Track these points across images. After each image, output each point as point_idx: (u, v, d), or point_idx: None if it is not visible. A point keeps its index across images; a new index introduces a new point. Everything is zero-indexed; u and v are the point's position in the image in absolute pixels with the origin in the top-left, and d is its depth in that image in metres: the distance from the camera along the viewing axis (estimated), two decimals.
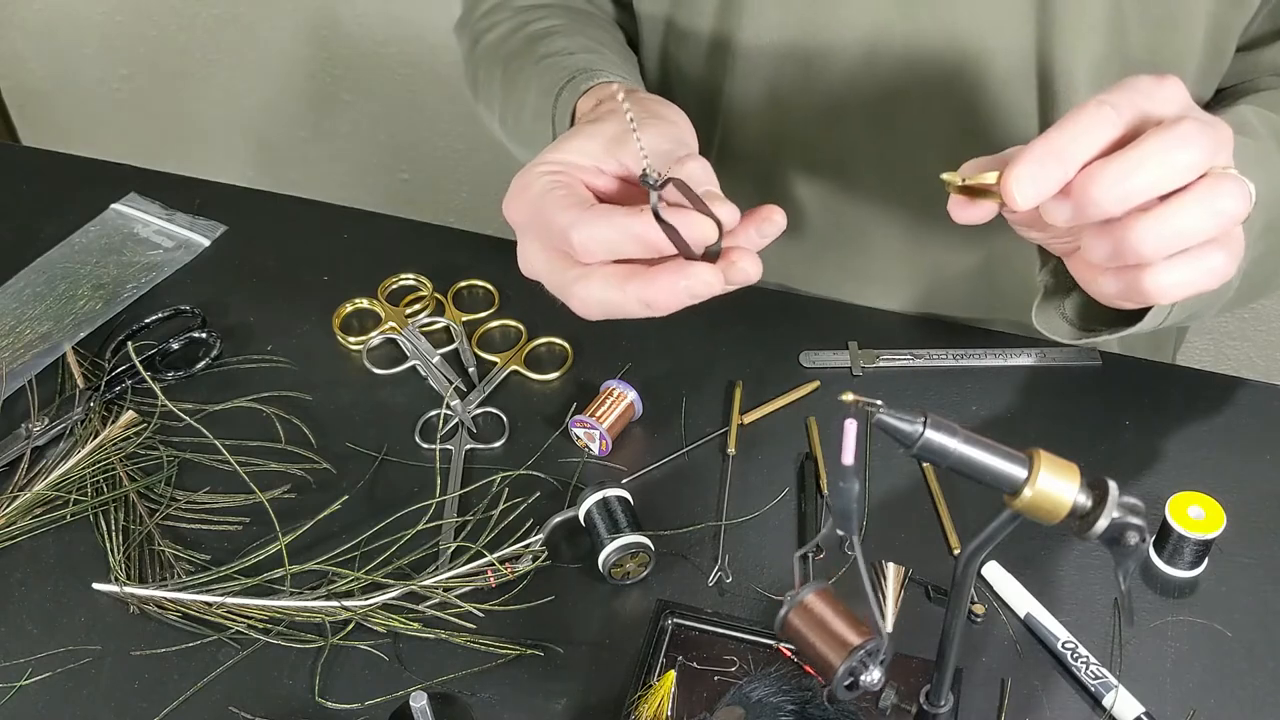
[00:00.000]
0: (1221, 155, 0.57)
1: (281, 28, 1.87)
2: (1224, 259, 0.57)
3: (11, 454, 0.80)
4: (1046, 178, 0.56)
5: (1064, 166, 0.56)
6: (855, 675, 0.56)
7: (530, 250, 0.66)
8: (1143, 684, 0.68)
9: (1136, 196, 0.55)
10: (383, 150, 1.97)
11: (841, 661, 0.56)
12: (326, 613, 0.71)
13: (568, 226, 0.61)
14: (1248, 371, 1.69)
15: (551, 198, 0.63)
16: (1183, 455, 0.80)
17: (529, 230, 0.65)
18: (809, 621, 0.57)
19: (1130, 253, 0.56)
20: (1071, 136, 0.56)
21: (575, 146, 0.66)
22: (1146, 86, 0.58)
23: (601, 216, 0.61)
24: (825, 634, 0.57)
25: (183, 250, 0.97)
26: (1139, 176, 0.55)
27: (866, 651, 0.56)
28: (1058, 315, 0.71)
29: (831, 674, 0.56)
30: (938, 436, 0.52)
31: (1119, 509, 0.52)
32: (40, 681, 0.69)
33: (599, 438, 0.80)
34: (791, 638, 0.58)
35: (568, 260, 0.63)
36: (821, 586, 0.58)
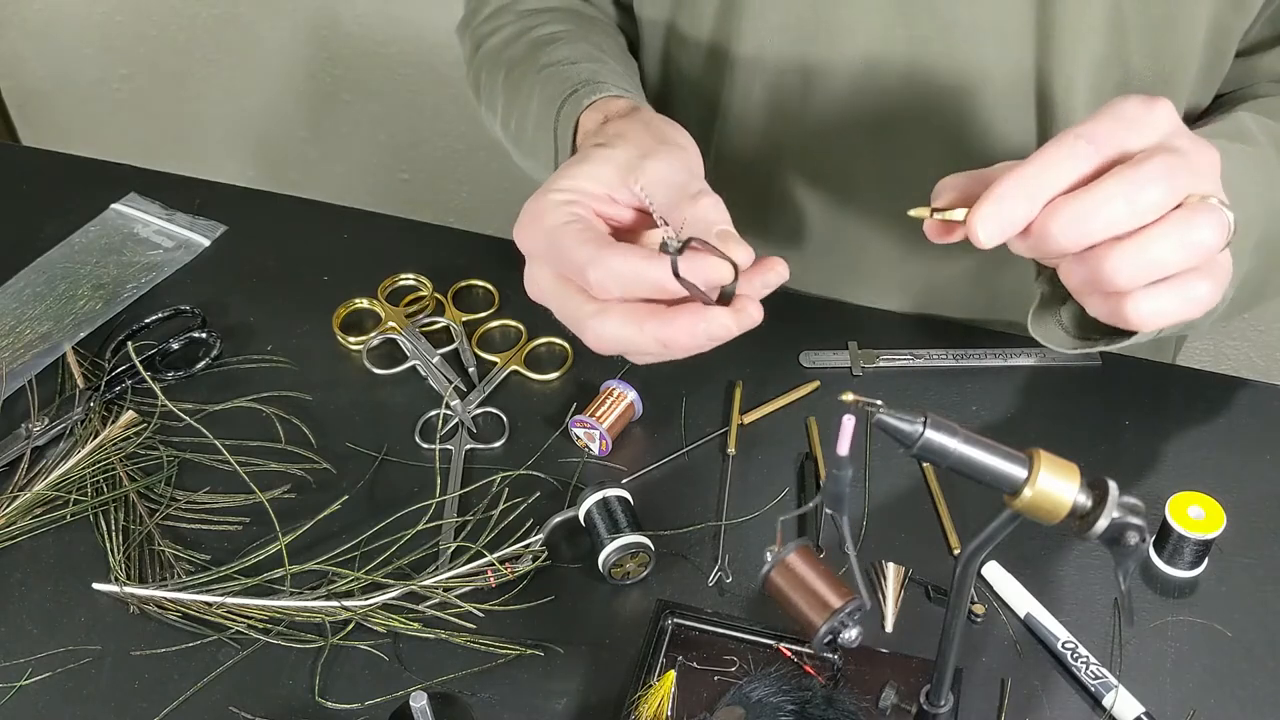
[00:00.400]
0: (1202, 184, 0.56)
1: (281, 28, 1.87)
2: (1207, 288, 0.57)
3: (11, 454, 0.80)
4: (1010, 216, 0.56)
5: (1029, 204, 0.56)
6: (835, 634, 0.58)
7: (541, 276, 0.66)
8: (1143, 684, 0.68)
9: (1095, 236, 0.55)
10: (383, 150, 1.97)
11: (823, 621, 0.58)
12: (326, 613, 0.71)
13: (585, 263, 0.61)
14: (1248, 371, 1.69)
15: (568, 231, 0.63)
16: (1183, 455, 0.80)
17: (542, 257, 0.66)
18: (791, 580, 0.59)
19: (1105, 281, 0.56)
20: (1040, 172, 0.56)
21: (588, 173, 0.66)
22: (1132, 112, 0.57)
23: (619, 256, 0.61)
24: (807, 593, 0.59)
25: (183, 250, 0.97)
26: (1098, 217, 0.55)
27: (846, 612, 0.58)
28: (1054, 323, 0.71)
29: (813, 632, 0.58)
30: (938, 436, 0.52)
31: (1119, 509, 0.52)
32: (40, 681, 0.69)
33: (599, 438, 0.80)
34: (773, 595, 0.60)
35: (581, 293, 0.63)
36: (802, 544, 0.59)
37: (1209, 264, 0.57)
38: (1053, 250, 0.56)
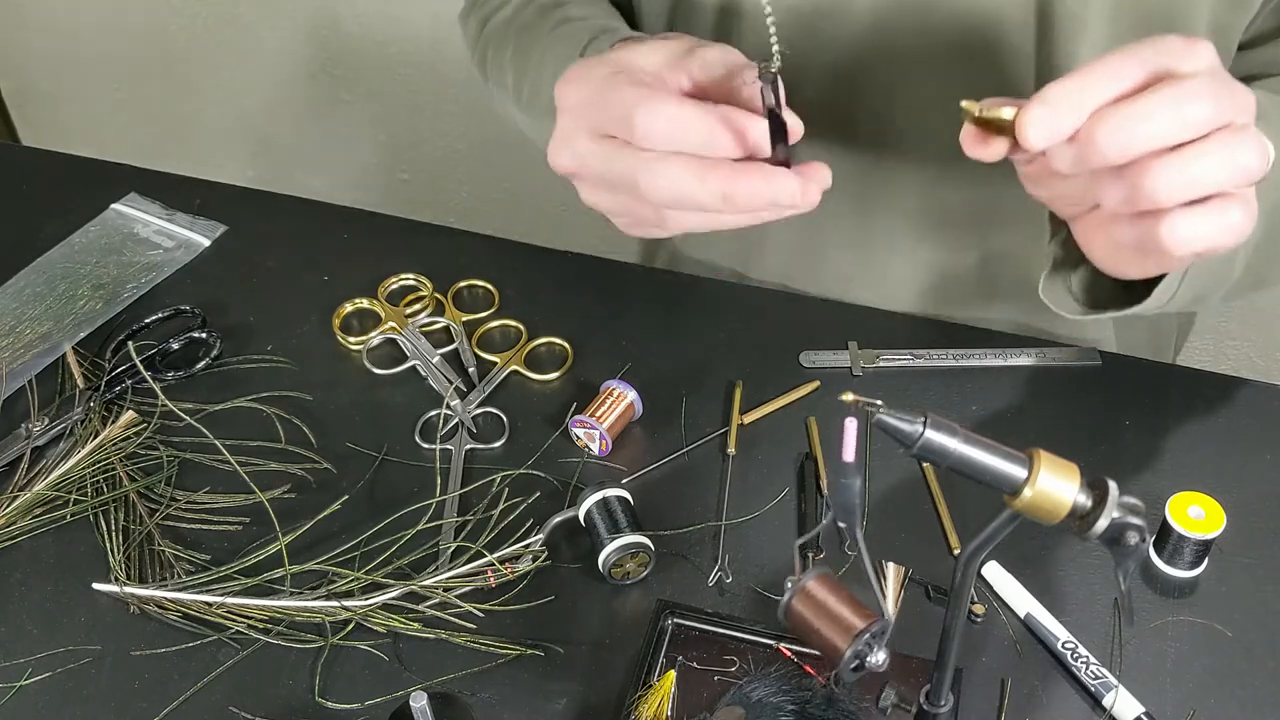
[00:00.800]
0: (1241, 115, 0.56)
1: (281, 28, 1.87)
2: (1241, 215, 0.56)
3: (11, 454, 0.80)
4: (1059, 121, 0.55)
5: (1077, 111, 0.55)
6: (861, 658, 0.56)
7: (577, 137, 0.63)
8: (1143, 684, 0.68)
9: (1140, 145, 0.55)
10: (383, 150, 1.97)
11: (848, 646, 0.56)
12: (326, 613, 0.71)
13: (634, 105, 0.59)
14: (1248, 371, 1.69)
15: (618, 79, 0.62)
16: (1183, 455, 0.80)
17: (581, 113, 0.63)
18: (812, 607, 0.57)
19: (1145, 197, 0.56)
20: (1089, 83, 0.55)
21: (642, 53, 0.64)
22: (1175, 46, 0.57)
23: (672, 101, 0.60)
24: (829, 619, 0.57)
25: (183, 250, 0.97)
26: (1145, 126, 0.54)
27: (871, 634, 0.56)
28: (1064, 289, 0.71)
29: (838, 658, 0.56)
30: (938, 436, 0.52)
31: (1119, 509, 0.52)
32: (40, 681, 0.69)
33: (599, 438, 0.80)
34: (795, 624, 0.58)
35: (628, 147, 0.61)
36: (822, 572, 0.58)
37: (1245, 193, 0.57)
38: (1096, 160, 0.56)
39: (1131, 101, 0.55)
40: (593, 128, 0.63)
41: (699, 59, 0.64)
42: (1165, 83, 0.55)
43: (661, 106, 0.60)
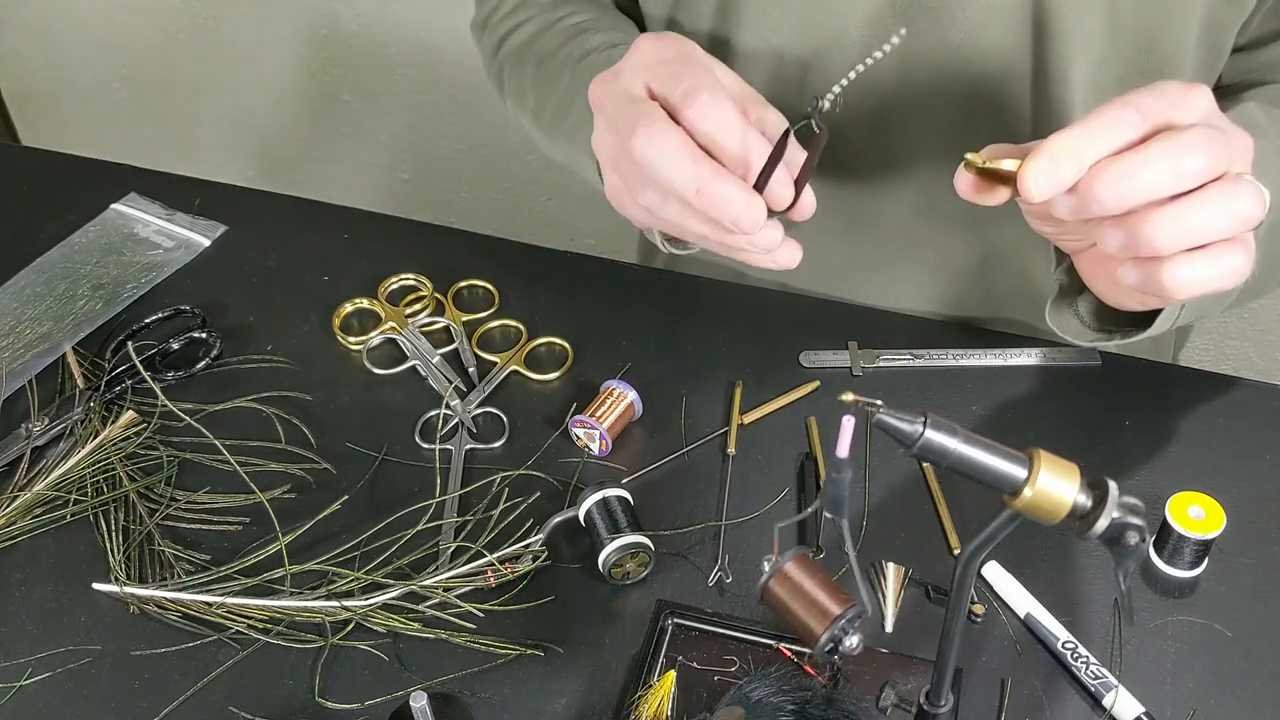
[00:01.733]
0: (1237, 163, 0.57)
1: (282, 28, 1.87)
2: (1241, 259, 0.58)
3: (11, 454, 0.80)
4: (1060, 173, 0.57)
5: (1078, 164, 0.56)
6: (836, 641, 0.57)
7: (634, 77, 0.67)
8: (1143, 684, 0.68)
9: (1138, 197, 0.56)
10: (383, 150, 1.97)
11: (824, 630, 0.57)
12: (326, 613, 0.71)
13: (706, 84, 0.63)
14: (1248, 371, 1.69)
15: (702, 53, 0.67)
16: (1183, 455, 0.80)
17: (655, 66, 0.66)
18: (790, 589, 0.58)
19: (1145, 245, 0.57)
20: (1090, 135, 0.57)
21: (722, 73, 0.68)
22: (1174, 94, 0.58)
23: (726, 97, 0.63)
24: (806, 602, 0.58)
25: (183, 250, 0.97)
26: (1141, 178, 0.55)
27: (847, 619, 0.57)
28: (1071, 315, 0.71)
29: (813, 641, 0.57)
30: (938, 436, 0.52)
31: (1119, 509, 0.52)
32: (40, 681, 0.69)
33: (599, 438, 0.80)
34: (772, 605, 0.59)
35: (654, 105, 0.64)
36: (799, 553, 0.59)
37: (1244, 237, 0.58)
38: (1095, 210, 0.57)
39: (1131, 154, 0.56)
40: (649, 76, 0.66)
41: (762, 117, 0.68)
42: (1163, 135, 0.56)
43: (725, 103, 0.63)
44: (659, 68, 0.67)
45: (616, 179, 0.69)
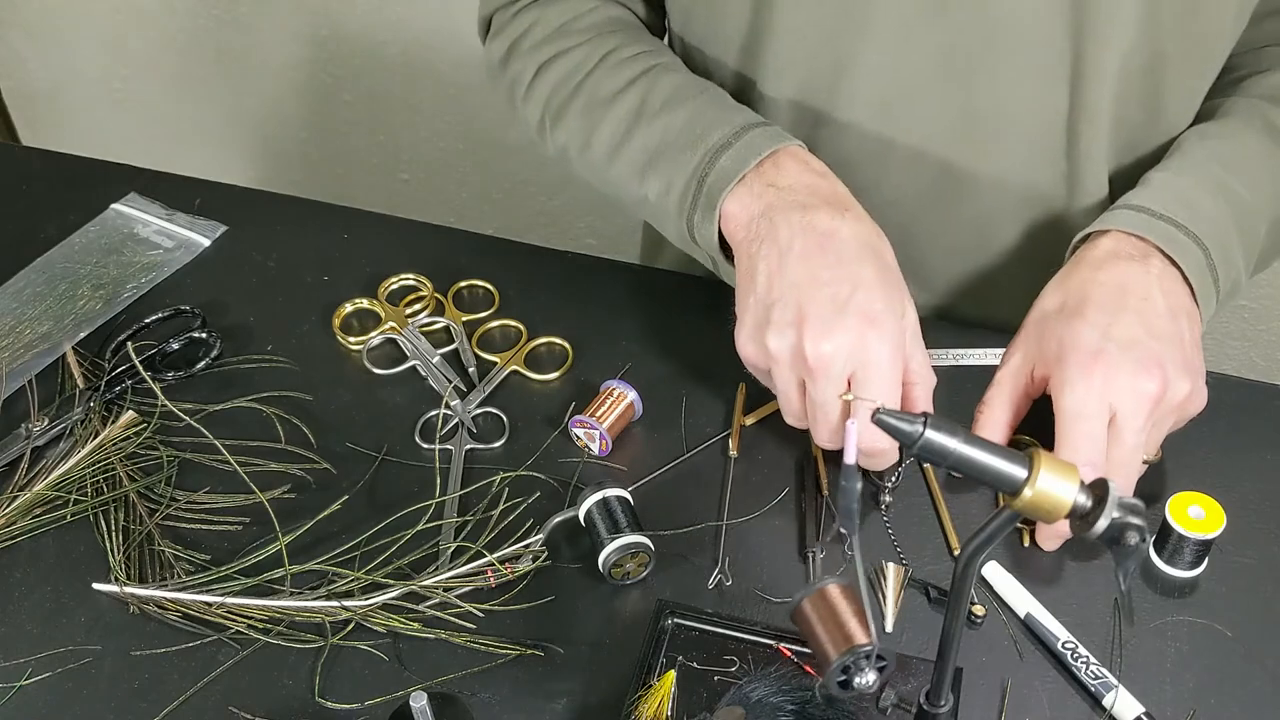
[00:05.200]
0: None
1: (281, 28, 1.87)
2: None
3: (11, 454, 0.80)
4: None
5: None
6: (849, 674, 0.56)
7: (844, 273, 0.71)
8: (1143, 684, 0.68)
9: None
10: (383, 150, 1.97)
11: (838, 655, 0.56)
12: (326, 613, 0.71)
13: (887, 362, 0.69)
14: (1248, 371, 1.69)
15: (899, 341, 0.70)
16: (1183, 455, 0.80)
17: (853, 306, 0.69)
18: (821, 610, 0.58)
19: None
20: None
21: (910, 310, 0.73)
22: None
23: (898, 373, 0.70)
24: (832, 626, 0.57)
25: (183, 250, 0.97)
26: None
27: (864, 654, 0.56)
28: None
29: (827, 666, 0.57)
30: (938, 437, 0.52)
31: (1119, 509, 0.52)
32: (40, 681, 0.69)
33: (599, 438, 0.80)
34: (799, 623, 0.58)
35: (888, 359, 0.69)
36: (844, 583, 0.58)
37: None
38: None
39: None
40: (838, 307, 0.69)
41: (921, 369, 0.73)
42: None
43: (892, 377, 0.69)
44: (890, 275, 0.71)
45: (769, 309, 0.71)
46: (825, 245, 0.71)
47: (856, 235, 0.72)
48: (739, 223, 0.75)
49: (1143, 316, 0.70)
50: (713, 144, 0.77)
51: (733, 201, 0.75)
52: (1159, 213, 0.74)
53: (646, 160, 0.81)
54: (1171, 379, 0.69)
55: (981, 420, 0.74)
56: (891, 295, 0.70)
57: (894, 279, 0.72)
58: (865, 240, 0.72)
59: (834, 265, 0.70)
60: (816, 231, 0.71)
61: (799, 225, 0.72)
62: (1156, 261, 0.73)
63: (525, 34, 0.90)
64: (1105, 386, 0.68)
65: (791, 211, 0.72)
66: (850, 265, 0.70)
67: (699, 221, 0.77)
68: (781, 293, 0.70)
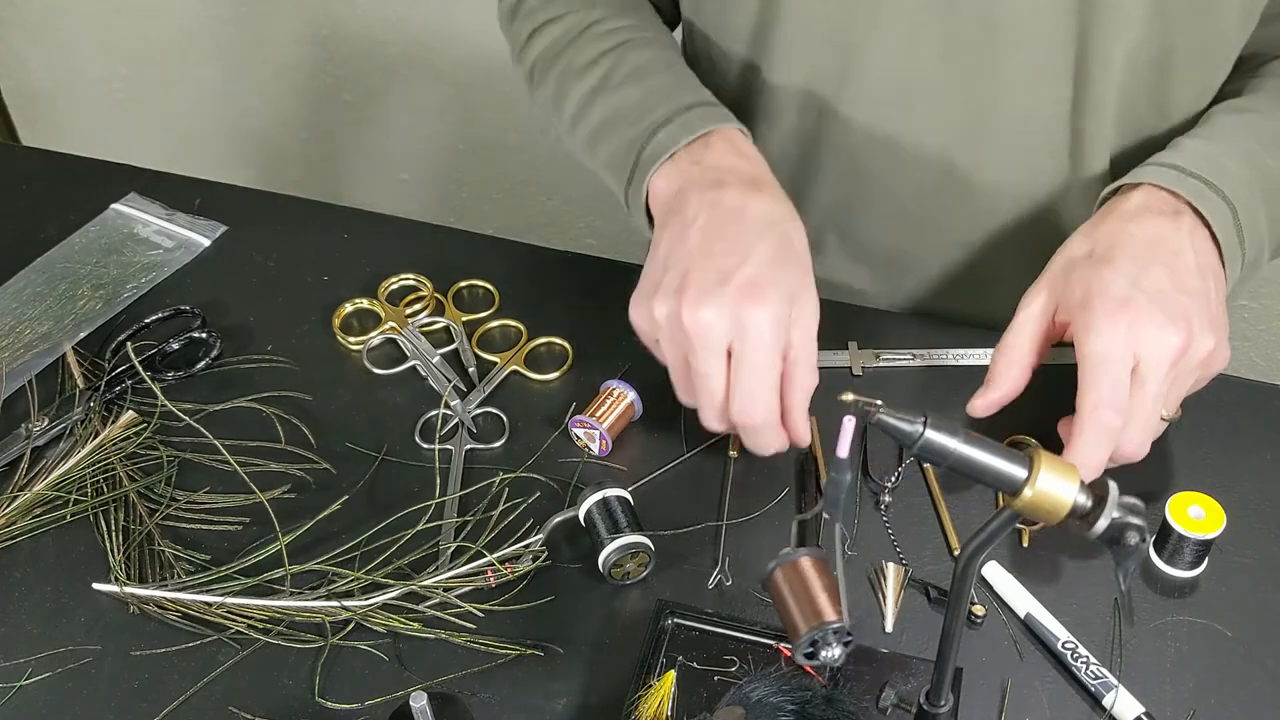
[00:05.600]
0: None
1: (281, 28, 1.87)
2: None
3: (11, 454, 0.80)
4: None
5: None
6: (816, 647, 0.57)
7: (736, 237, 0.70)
8: (1143, 684, 0.68)
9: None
10: (382, 150, 1.97)
11: (807, 629, 0.57)
12: (326, 613, 0.71)
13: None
14: (1248, 371, 1.68)
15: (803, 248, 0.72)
16: (1183, 455, 0.80)
17: (765, 264, 0.69)
18: (793, 582, 0.58)
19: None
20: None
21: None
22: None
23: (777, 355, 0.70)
24: (804, 599, 0.58)
25: (183, 250, 0.97)
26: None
27: (832, 630, 0.57)
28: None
29: (797, 637, 0.57)
30: (938, 436, 0.52)
31: (1119, 509, 0.52)
32: (40, 681, 0.69)
33: (599, 438, 0.80)
34: (771, 591, 0.59)
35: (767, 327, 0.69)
36: (818, 554, 0.59)
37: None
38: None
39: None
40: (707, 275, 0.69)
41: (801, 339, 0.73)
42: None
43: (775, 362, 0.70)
44: (789, 253, 0.71)
45: (660, 278, 0.71)
46: (728, 220, 0.71)
47: (764, 213, 0.72)
48: (661, 199, 0.76)
49: (1172, 271, 0.70)
50: (655, 119, 0.78)
51: (659, 177, 0.76)
52: (1190, 170, 0.74)
53: (599, 131, 0.82)
54: (1197, 333, 0.68)
55: (1000, 364, 0.73)
56: (784, 273, 0.70)
57: (793, 258, 0.71)
58: (771, 218, 0.72)
59: (731, 238, 0.70)
60: (722, 207, 0.71)
61: (708, 201, 0.72)
62: (1187, 219, 0.73)
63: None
64: (1131, 334, 0.67)
65: (705, 188, 0.73)
66: (747, 239, 0.70)
67: (632, 195, 0.78)
68: (674, 261, 0.71)
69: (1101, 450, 0.68)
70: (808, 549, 0.59)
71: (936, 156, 0.86)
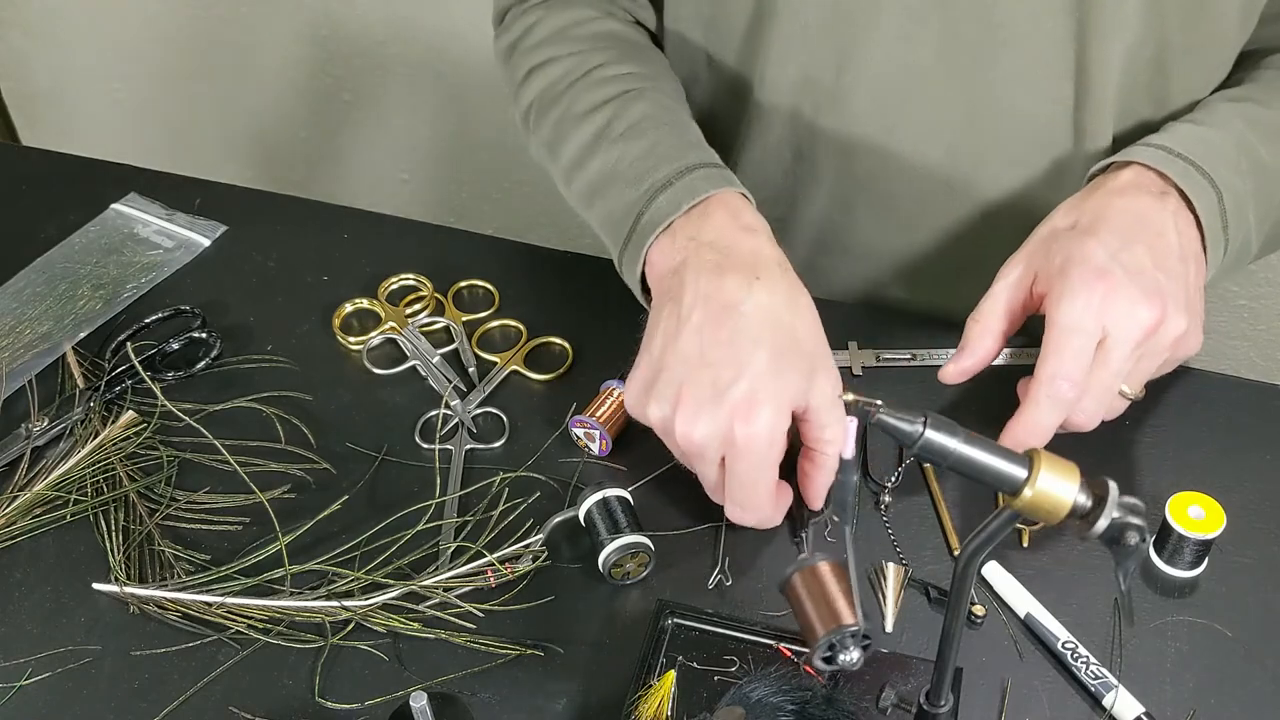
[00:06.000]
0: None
1: (281, 28, 1.87)
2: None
3: (11, 454, 0.80)
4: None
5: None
6: (834, 650, 0.57)
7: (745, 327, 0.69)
8: (1143, 684, 0.68)
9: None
10: (383, 150, 1.97)
11: (825, 633, 0.57)
12: (326, 613, 0.71)
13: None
14: (1248, 371, 1.69)
15: (815, 335, 0.72)
16: (1183, 455, 0.80)
17: (777, 362, 0.68)
18: (811, 586, 0.58)
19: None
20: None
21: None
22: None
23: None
24: (821, 603, 0.58)
25: (183, 250, 0.97)
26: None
27: (850, 633, 0.57)
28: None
29: (814, 641, 0.57)
30: (938, 436, 0.52)
31: (1119, 509, 0.52)
32: (40, 681, 0.69)
33: (599, 438, 0.80)
34: (789, 597, 0.59)
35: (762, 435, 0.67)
36: (834, 561, 0.59)
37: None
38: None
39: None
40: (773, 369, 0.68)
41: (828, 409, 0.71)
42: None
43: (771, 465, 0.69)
44: (790, 355, 0.68)
45: (654, 379, 0.70)
46: (723, 320, 0.68)
47: (761, 309, 0.69)
48: (658, 274, 0.74)
49: (1154, 250, 0.70)
50: (656, 182, 0.76)
51: (656, 251, 0.74)
52: (1179, 151, 0.74)
53: (597, 186, 0.80)
54: (1170, 314, 0.68)
55: (973, 332, 0.73)
56: (783, 382, 0.67)
57: (793, 360, 0.68)
58: (770, 315, 0.69)
59: (726, 344, 0.67)
60: (718, 302, 0.68)
61: (704, 291, 0.69)
62: (1173, 199, 0.73)
63: (527, 33, 0.90)
64: (1103, 306, 0.67)
65: (701, 274, 0.70)
66: (743, 347, 0.67)
67: (627, 262, 0.77)
68: (669, 363, 0.69)
69: (1051, 418, 0.68)
70: (825, 556, 0.59)
71: (934, 156, 0.86)
